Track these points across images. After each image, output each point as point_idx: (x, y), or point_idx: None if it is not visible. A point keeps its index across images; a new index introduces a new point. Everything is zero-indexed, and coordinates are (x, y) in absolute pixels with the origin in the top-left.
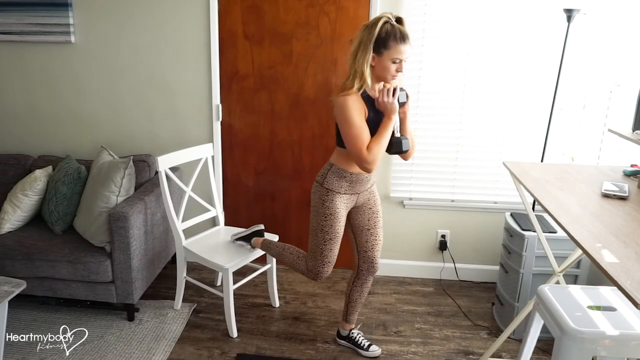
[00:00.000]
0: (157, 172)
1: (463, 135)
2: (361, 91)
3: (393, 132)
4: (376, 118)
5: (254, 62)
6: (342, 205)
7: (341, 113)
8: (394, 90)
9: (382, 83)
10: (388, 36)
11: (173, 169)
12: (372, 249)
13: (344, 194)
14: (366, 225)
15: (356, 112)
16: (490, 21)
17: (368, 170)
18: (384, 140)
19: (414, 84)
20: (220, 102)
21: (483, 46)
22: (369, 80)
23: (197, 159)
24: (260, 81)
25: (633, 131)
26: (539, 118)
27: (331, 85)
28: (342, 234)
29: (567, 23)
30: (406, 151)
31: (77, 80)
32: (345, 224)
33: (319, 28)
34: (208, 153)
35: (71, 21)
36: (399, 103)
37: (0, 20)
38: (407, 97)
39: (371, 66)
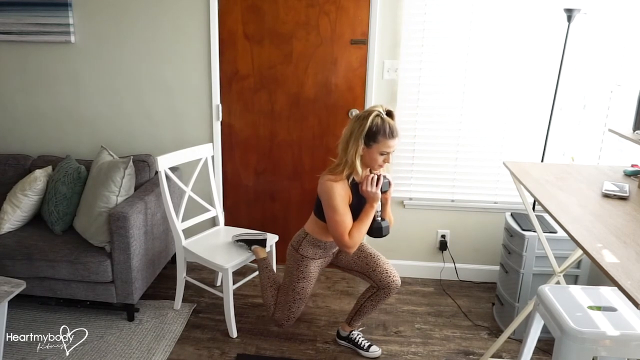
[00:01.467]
0: (157, 172)
1: (463, 135)
2: (350, 179)
3: (375, 217)
4: (359, 203)
5: (254, 62)
6: (315, 269)
7: (327, 198)
8: (378, 179)
9: (368, 169)
10: (378, 131)
11: (173, 169)
12: (377, 265)
13: (319, 258)
14: (353, 257)
15: (341, 200)
16: (490, 21)
17: (348, 253)
18: (365, 226)
19: (414, 83)
20: (220, 102)
21: (483, 46)
22: (359, 170)
23: (197, 159)
24: (260, 81)
25: (633, 131)
26: (539, 118)
27: (331, 85)
28: (310, 294)
29: (567, 23)
30: (385, 235)
31: (77, 80)
32: (340, 269)
33: (319, 28)
34: (208, 153)
35: (71, 21)
36: (382, 191)
37: (0, 20)
38: (389, 184)
39: (360, 156)
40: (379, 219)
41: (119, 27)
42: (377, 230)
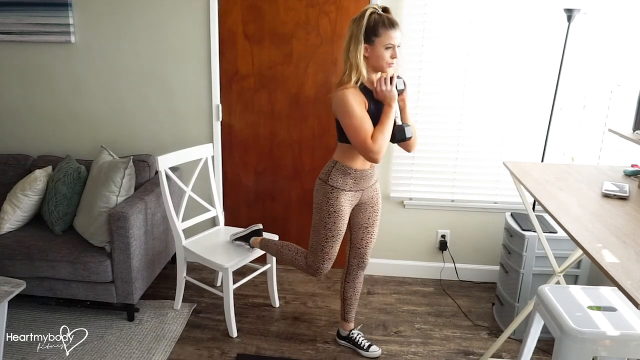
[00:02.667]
0: (157, 172)
1: (463, 135)
2: (359, 84)
3: (395, 121)
4: (376, 109)
5: (254, 62)
6: (346, 203)
7: (341, 106)
8: (391, 78)
9: (379, 73)
10: (377, 24)
11: (173, 169)
12: (365, 246)
13: (349, 191)
14: (365, 224)
15: (356, 104)
16: (490, 21)
17: (374, 160)
18: (387, 128)
19: (414, 83)
20: (220, 102)
21: (483, 46)
22: (364, 71)
23: (197, 159)
24: (260, 81)
25: (633, 131)
26: (539, 118)
27: (331, 85)
28: (344, 231)
29: (567, 23)
30: (409, 138)
31: (77, 80)
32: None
33: (319, 28)
34: (208, 153)
35: (71, 21)
36: (398, 90)
37: (0, 20)
38: (404, 84)
39: (365, 57)
40: (400, 122)
41: (119, 27)
42: (399, 133)
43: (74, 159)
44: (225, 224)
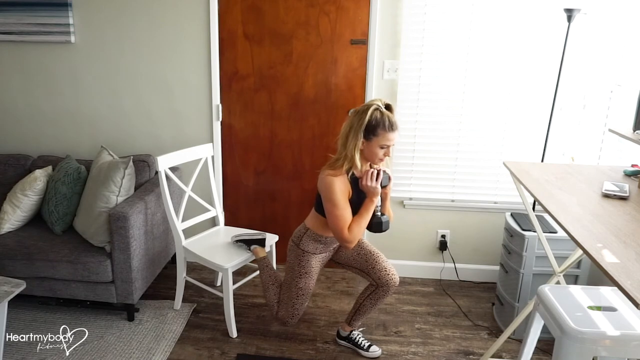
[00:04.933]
0: (157, 172)
1: (463, 135)
2: (349, 173)
3: (374, 212)
4: (358, 198)
5: (254, 62)
6: (317, 264)
7: (327, 192)
8: (378, 173)
9: (368, 164)
10: (377, 124)
11: (173, 169)
12: (376, 262)
13: (320, 253)
14: (352, 254)
15: (341, 194)
16: (490, 21)
17: (347, 248)
18: (365, 220)
19: (414, 83)
20: (220, 102)
21: (483, 46)
22: (358, 164)
23: (197, 159)
24: (260, 81)
25: (633, 131)
26: (539, 118)
27: (331, 85)
28: (313, 289)
29: (567, 23)
30: (385, 230)
31: (77, 80)
32: (339, 265)
33: (319, 28)
34: (208, 153)
35: (71, 21)
36: (381, 186)
37: (1, 20)
38: (389, 179)
39: (360, 150)
40: (379, 214)
41: (119, 27)
42: (377, 225)
43: (74, 159)
44: (225, 224)
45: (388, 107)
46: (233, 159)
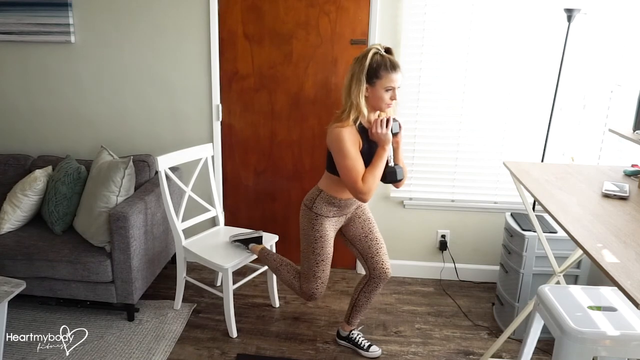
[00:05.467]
0: (157, 172)
1: (463, 135)
2: (357, 123)
3: (387, 162)
4: (370, 149)
5: (254, 62)
6: (331, 228)
7: (336, 144)
8: (387, 120)
9: (376, 113)
10: (379, 66)
11: (173, 169)
12: (377, 252)
13: (333, 217)
14: (362, 233)
15: (351, 144)
16: (490, 21)
17: (363, 200)
18: (378, 170)
19: (414, 84)
20: (220, 102)
21: (483, 46)
22: (365, 111)
23: (197, 159)
24: (260, 81)
25: (633, 131)
26: (539, 118)
27: (331, 85)
28: (332, 255)
29: (567, 23)
30: (400, 180)
31: (77, 80)
32: (344, 240)
33: (319, 28)
34: (208, 153)
35: (71, 21)
36: (392, 133)
37: (1, 20)
38: (399, 127)
39: (365, 97)
40: (392, 163)
41: (119, 27)
42: (391, 175)
43: (74, 159)
44: (225, 224)
45: (388, 50)
46: (233, 159)
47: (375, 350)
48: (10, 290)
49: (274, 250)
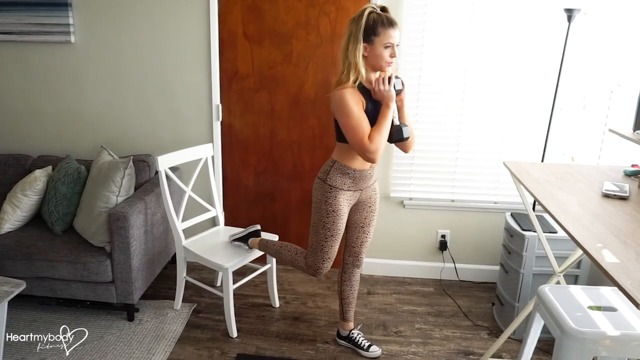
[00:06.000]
0: (157, 172)
1: (463, 135)
2: (357, 83)
3: (392, 121)
4: (374, 108)
5: (254, 62)
6: (344, 203)
7: (339, 106)
8: (389, 78)
9: (377, 73)
10: (376, 23)
11: (173, 169)
12: (360, 245)
13: (347, 190)
14: (361, 223)
15: (354, 104)
16: (490, 21)
17: (372, 160)
18: (385, 128)
19: (414, 84)
20: (220, 102)
21: (483, 46)
22: (363, 71)
23: (197, 159)
24: (260, 81)
25: (634, 131)
26: (539, 118)
27: (331, 85)
28: (343, 230)
29: (567, 23)
30: (407, 138)
31: (77, 80)
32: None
33: (319, 28)
34: (208, 153)
35: (71, 21)
36: (396, 90)
37: (1, 20)
38: (402, 84)
39: (364, 57)
40: (397, 122)
41: (119, 27)
42: (397, 133)
43: (74, 159)
44: (225, 224)
45: (384, 9)
46: (233, 159)
47: (375, 350)
48: (10, 290)
49: None
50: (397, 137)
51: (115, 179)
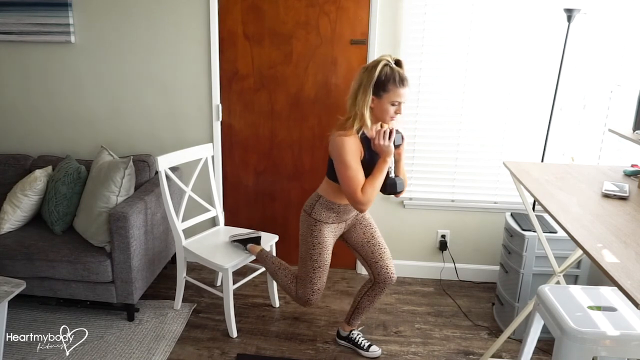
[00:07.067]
0: (157, 172)
1: (463, 135)
2: (360, 132)
3: (388, 173)
4: (371, 159)
5: (254, 62)
6: (330, 235)
7: (338, 154)
8: (390, 132)
9: (379, 124)
10: (387, 80)
11: (173, 169)
12: (381, 257)
13: (332, 223)
14: (364, 239)
15: (352, 154)
16: (490, 21)
17: (361, 211)
18: (378, 182)
19: (414, 84)
20: (220, 102)
21: (483, 46)
22: (368, 123)
23: (197, 159)
24: (260, 81)
25: (633, 131)
26: (539, 118)
27: (331, 85)
28: (329, 262)
29: (567, 23)
30: (400, 192)
31: (77, 80)
32: (348, 246)
33: (319, 28)
34: (208, 153)
35: (71, 21)
36: (395, 145)
37: (0, 20)
38: (402, 139)
39: (370, 108)
40: (393, 175)
41: (119, 27)
42: (391, 186)
43: (74, 159)
44: (225, 224)
45: (398, 62)
46: (233, 159)
47: (375, 350)
48: (10, 290)
49: (274, 250)
50: (390, 190)
51: (115, 179)
